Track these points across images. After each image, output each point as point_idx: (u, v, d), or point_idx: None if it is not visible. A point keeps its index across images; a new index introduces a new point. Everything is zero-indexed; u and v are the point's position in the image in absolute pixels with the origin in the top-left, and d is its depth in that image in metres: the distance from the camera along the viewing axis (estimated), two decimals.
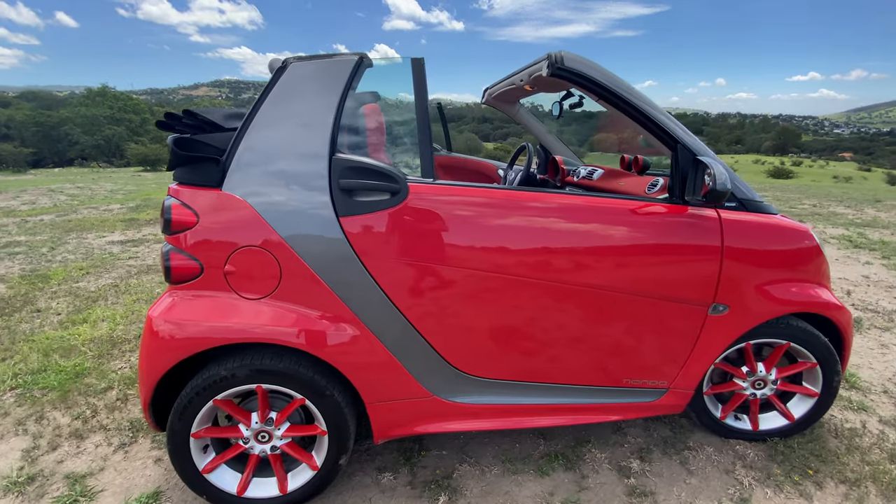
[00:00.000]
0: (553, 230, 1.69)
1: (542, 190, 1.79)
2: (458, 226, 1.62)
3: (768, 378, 2.01)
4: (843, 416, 2.33)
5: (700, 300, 1.80)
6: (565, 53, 1.71)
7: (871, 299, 4.02)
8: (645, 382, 1.92)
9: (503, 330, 1.75)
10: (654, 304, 1.79)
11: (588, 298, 1.74)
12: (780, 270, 1.84)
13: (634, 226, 1.73)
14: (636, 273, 1.74)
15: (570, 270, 1.70)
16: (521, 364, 1.82)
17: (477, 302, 1.69)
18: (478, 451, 2.08)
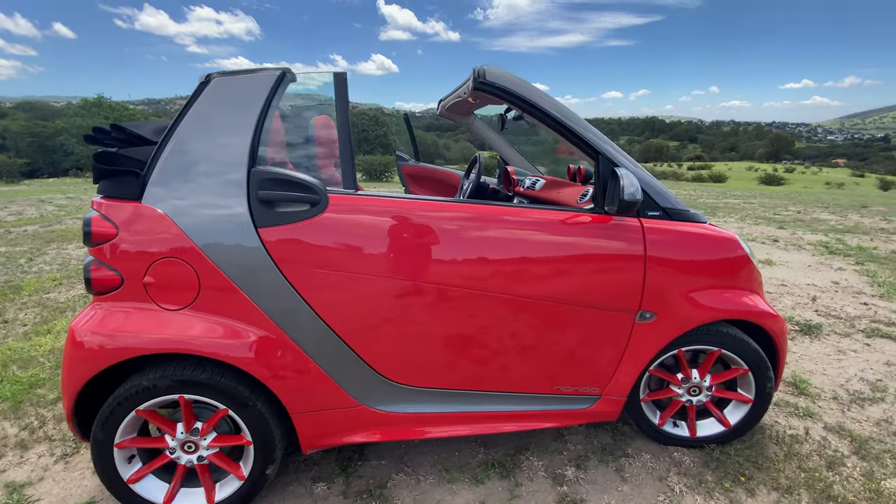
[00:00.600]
0: (476, 240, 1.71)
1: (471, 201, 1.82)
2: (380, 236, 1.64)
3: (703, 385, 2.03)
4: (787, 422, 2.34)
5: (626, 308, 1.82)
6: (488, 68, 1.75)
7: (836, 305, 4.05)
8: (577, 389, 1.93)
9: (430, 339, 1.76)
10: (581, 312, 1.81)
11: (514, 307, 1.76)
12: (705, 278, 1.87)
13: (558, 235, 1.75)
14: (561, 281, 1.76)
15: (494, 280, 1.72)
16: (451, 372, 1.83)
17: (401, 311, 1.71)
18: (416, 459, 2.08)
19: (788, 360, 3.00)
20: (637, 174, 1.77)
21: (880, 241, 7.30)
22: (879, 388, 2.66)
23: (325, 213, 1.59)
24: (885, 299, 4.26)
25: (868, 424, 2.33)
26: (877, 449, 2.12)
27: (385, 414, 1.80)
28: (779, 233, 7.90)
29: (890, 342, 3.28)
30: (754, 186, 34.80)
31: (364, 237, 1.63)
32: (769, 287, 4.58)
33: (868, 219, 10.65)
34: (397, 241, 1.65)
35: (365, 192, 1.66)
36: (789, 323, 3.59)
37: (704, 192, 20.77)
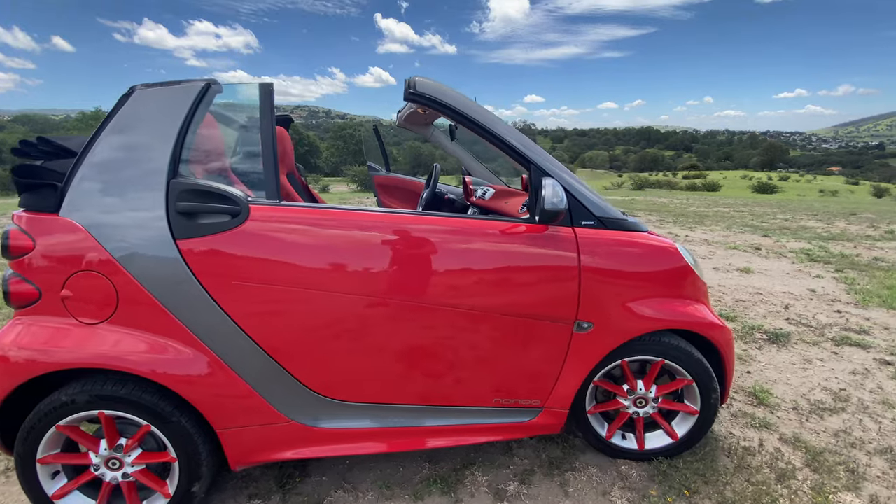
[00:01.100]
0: (405, 250, 1.69)
1: (406, 212, 1.80)
2: (303, 247, 1.61)
3: (648, 396, 1.99)
4: (742, 433, 2.30)
5: (562, 318, 1.79)
6: (418, 79, 1.75)
7: (809, 314, 4.02)
8: (517, 402, 1.89)
9: (360, 352, 1.72)
10: (517, 323, 1.78)
11: (446, 318, 1.73)
12: (643, 287, 1.84)
13: (491, 245, 1.73)
14: (494, 292, 1.74)
15: (424, 290, 1.69)
16: (384, 387, 1.79)
17: (328, 324, 1.68)
18: (359, 476, 2.02)
19: (752, 370, 2.97)
20: (568, 184, 1.76)
21: (863, 249, 7.31)
22: (842, 398, 2.62)
23: (246, 224, 1.56)
24: (859, 307, 4.23)
25: (826, 435, 2.28)
26: (831, 461, 2.08)
27: (316, 430, 1.76)
28: (762, 241, 7.90)
29: (858, 350, 3.25)
30: (747, 195, 34.92)
31: (286, 248, 1.60)
32: (744, 295, 4.55)
33: (855, 226, 10.68)
34: (321, 253, 1.62)
35: (288, 203, 1.64)
36: (758, 331, 3.55)
37: (697, 200, 20.85)
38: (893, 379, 2.84)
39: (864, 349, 3.27)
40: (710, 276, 5.29)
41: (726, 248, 7.05)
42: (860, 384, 2.78)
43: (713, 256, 6.44)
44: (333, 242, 1.63)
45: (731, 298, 4.45)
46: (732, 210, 14.78)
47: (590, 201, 1.80)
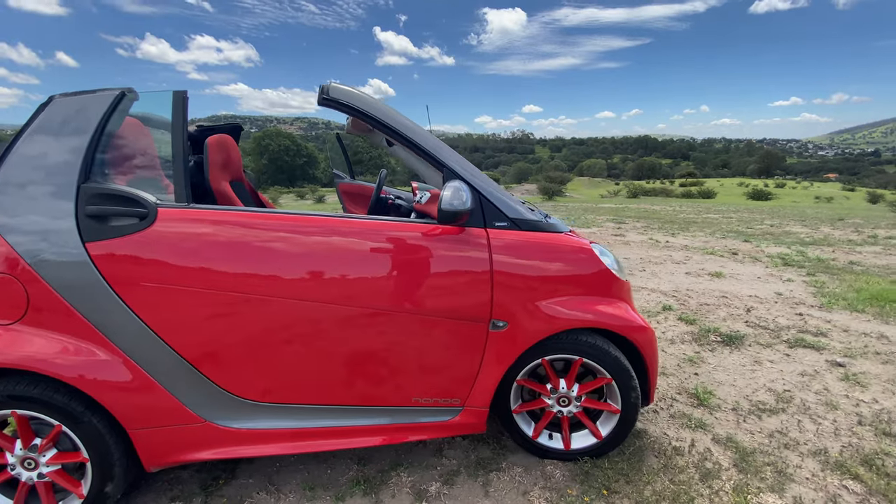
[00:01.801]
0: (323, 252, 1.71)
1: (316, 214, 1.82)
2: (213, 249, 1.64)
3: (571, 395, 2.00)
4: (676, 433, 2.30)
5: (477, 317, 1.81)
6: (332, 84, 1.79)
7: (770, 316, 4.03)
8: (437, 401, 1.90)
9: (274, 354, 1.74)
10: (433, 322, 1.79)
11: (360, 318, 1.74)
12: (557, 287, 1.86)
13: (409, 246, 1.76)
14: (410, 292, 1.76)
15: (332, 291, 1.71)
16: (300, 387, 1.80)
17: (240, 326, 1.69)
18: (286, 477, 2.03)
19: (700, 372, 2.97)
20: (480, 187, 1.79)
21: (842, 253, 7.33)
22: (784, 399, 2.62)
23: (154, 227, 1.59)
24: (823, 309, 4.25)
25: (760, 436, 2.28)
26: (760, 461, 2.07)
27: (233, 430, 1.77)
28: (742, 246, 7.93)
29: (812, 352, 3.26)
30: (742, 202, 35.07)
31: (195, 250, 1.63)
32: (710, 299, 4.56)
33: (839, 231, 10.72)
34: (229, 254, 1.65)
35: (198, 206, 1.67)
36: (713, 333, 3.56)
37: (689, 207, 20.97)
38: (842, 380, 2.85)
39: (817, 351, 3.27)
40: (680, 281, 5.31)
41: (703, 253, 7.07)
42: (806, 385, 2.79)
43: (688, 261, 6.46)
44: (240, 244, 1.66)
45: (695, 302, 4.46)
46: (721, 217, 14.85)
47: (503, 203, 1.83)
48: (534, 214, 1.91)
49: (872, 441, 2.22)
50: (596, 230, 10.26)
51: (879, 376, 2.89)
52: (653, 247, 7.78)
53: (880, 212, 20.41)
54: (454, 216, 1.64)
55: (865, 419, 2.41)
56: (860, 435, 2.27)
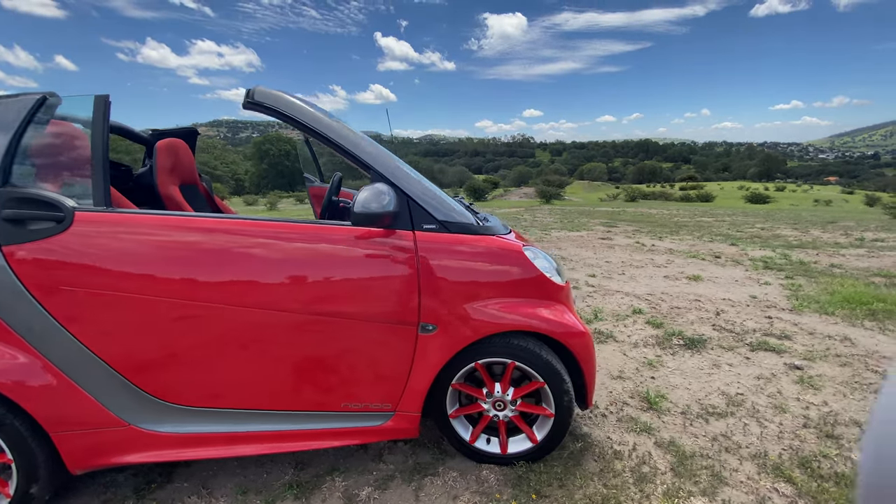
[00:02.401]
0: (243, 256, 1.71)
1: (239, 217, 1.82)
2: (130, 252, 1.65)
3: (506, 399, 2.00)
4: (620, 437, 2.29)
5: (405, 321, 1.81)
6: (258, 88, 1.80)
7: (738, 320, 4.02)
8: (367, 406, 1.90)
9: (197, 358, 1.74)
10: (360, 326, 1.79)
11: (286, 323, 1.75)
12: (485, 290, 1.86)
13: (331, 250, 1.76)
14: (334, 295, 1.76)
15: (255, 294, 1.71)
16: (226, 392, 1.80)
17: (162, 330, 1.70)
18: (221, 481, 2.02)
19: (657, 375, 2.96)
20: (408, 190, 1.80)
21: (825, 256, 7.31)
22: (735, 402, 2.61)
23: (70, 231, 1.60)
24: (793, 312, 4.23)
25: (704, 440, 2.27)
26: (697, 465, 2.06)
27: (158, 434, 1.77)
28: (727, 249, 7.92)
29: (772, 355, 3.24)
30: (740, 205, 35.02)
31: (113, 253, 1.63)
32: (682, 302, 4.55)
33: (828, 234, 10.70)
34: (148, 258, 1.65)
35: (116, 209, 1.68)
36: (676, 337, 3.55)
37: (685, 211, 20.92)
38: (796, 383, 2.83)
39: (778, 354, 3.26)
40: (657, 284, 5.30)
41: (686, 257, 7.06)
42: (760, 389, 2.77)
43: (670, 265, 6.45)
44: (158, 247, 1.66)
45: (668, 305, 4.45)
46: (714, 220, 14.83)
47: (431, 206, 1.83)
48: (466, 217, 1.91)
49: (814, 444, 2.21)
50: (585, 233, 10.26)
51: (835, 379, 2.88)
52: (637, 250, 7.77)
53: (875, 215, 20.34)
54: (369, 219, 1.64)
55: (811, 422, 2.40)
56: (803, 438, 2.26)
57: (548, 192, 34.99)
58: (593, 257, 7.04)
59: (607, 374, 2.98)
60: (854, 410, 2.51)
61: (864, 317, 4.08)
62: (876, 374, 2.94)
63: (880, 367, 3.05)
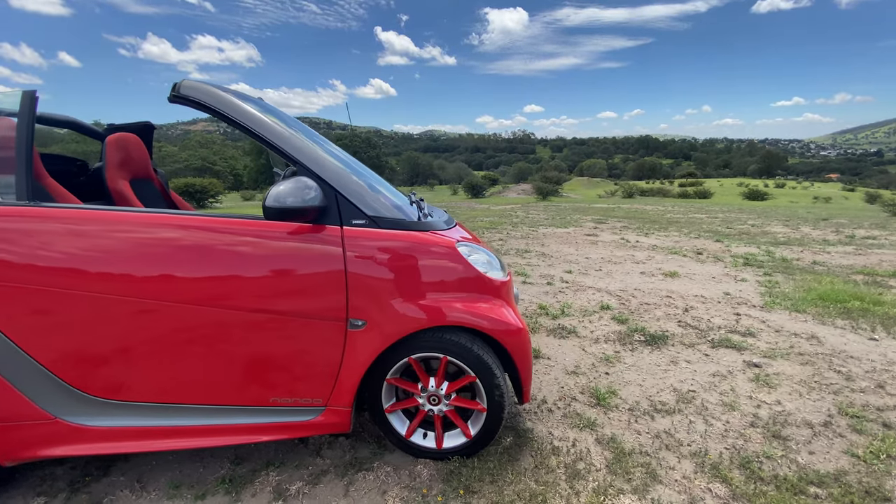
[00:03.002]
0: (166, 250, 1.70)
1: (161, 212, 1.81)
2: (49, 246, 1.63)
3: (440, 393, 1.99)
4: (562, 433, 2.28)
5: (333, 316, 1.80)
6: (185, 81, 1.78)
7: (706, 316, 4.01)
8: (297, 401, 1.89)
9: (123, 351, 1.74)
10: (288, 322, 1.78)
11: (210, 317, 1.74)
12: (416, 285, 1.84)
13: (259, 245, 1.74)
14: (261, 291, 1.75)
15: (183, 290, 1.70)
16: (153, 386, 1.80)
17: (86, 324, 1.69)
18: (156, 476, 2.02)
19: (613, 371, 2.95)
20: (337, 184, 1.78)
21: (810, 253, 7.30)
22: (686, 399, 2.60)
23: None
24: (763, 310, 4.22)
25: (647, 437, 2.26)
26: (634, 462, 2.06)
27: (85, 428, 1.76)
28: (712, 246, 7.90)
29: (732, 353, 3.24)
30: (738, 202, 34.93)
31: (35, 247, 1.62)
32: (654, 298, 4.54)
33: (819, 231, 10.67)
34: (71, 252, 1.64)
35: (39, 204, 1.67)
36: (639, 333, 3.54)
37: (681, 207, 20.82)
38: (752, 381, 2.83)
39: (738, 351, 3.25)
40: (632, 281, 5.29)
41: (668, 253, 7.04)
42: (714, 386, 2.77)
43: (649, 261, 6.43)
44: (82, 241, 1.65)
45: (638, 302, 4.44)
46: (707, 217, 14.78)
47: (362, 201, 1.81)
48: (398, 213, 1.89)
49: (758, 444, 2.20)
50: (573, 230, 10.23)
51: (793, 377, 2.87)
52: (621, 247, 7.75)
53: (873, 212, 20.25)
54: (284, 213, 1.63)
55: (760, 421, 2.39)
56: (748, 437, 2.25)
57: (545, 188, 34.93)
58: (575, 254, 7.02)
59: (563, 370, 2.98)
60: (808, 411, 2.50)
61: (836, 315, 4.07)
62: (838, 374, 2.93)
63: (844, 366, 3.04)
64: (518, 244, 7.97)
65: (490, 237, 8.87)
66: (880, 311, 4.17)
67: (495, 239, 8.59)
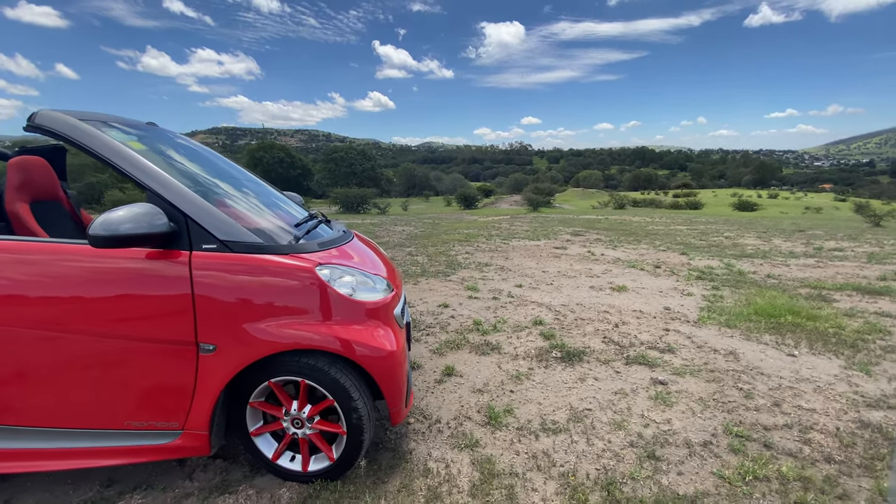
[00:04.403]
0: (16, 275, 1.74)
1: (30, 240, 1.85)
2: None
3: (302, 416, 2.01)
4: (441, 454, 2.30)
5: (183, 341, 1.83)
6: (41, 111, 1.84)
7: (634, 332, 4.04)
8: (153, 424, 1.91)
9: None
10: (137, 346, 1.81)
11: (57, 343, 1.77)
12: (269, 309, 1.87)
13: (102, 271, 1.78)
14: (106, 316, 1.78)
15: (29, 315, 1.74)
16: (6, 409, 1.82)
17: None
18: (24, 497, 2.02)
19: (518, 389, 2.97)
20: (187, 209, 1.82)
21: (769, 266, 7.35)
22: (577, 418, 2.62)
23: None
24: (695, 325, 4.25)
25: (524, 457, 2.28)
26: (499, 484, 2.07)
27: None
28: (674, 259, 7.95)
29: (643, 369, 3.26)
30: (728, 212, 35.13)
31: None
32: (591, 314, 4.57)
33: (789, 242, 10.74)
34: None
35: None
36: (557, 350, 3.57)
37: (667, 219, 20.90)
38: (651, 399, 2.85)
39: (650, 368, 3.28)
40: (578, 295, 5.32)
41: (626, 267, 7.09)
42: (612, 404, 2.79)
43: (604, 275, 6.48)
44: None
45: (574, 317, 4.47)
46: (688, 228, 14.87)
47: (214, 226, 1.85)
48: (257, 236, 1.92)
49: (630, 464, 2.22)
50: (544, 242, 10.28)
51: (693, 395, 2.90)
52: (583, 260, 7.80)
53: (856, 222, 20.39)
54: (115, 240, 1.64)
55: (641, 441, 2.41)
56: (622, 457, 2.27)
57: (535, 200, 35.13)
58: (534, 267, 7.06)
59: (470, 388, 3.00)
60: (694, 430, 2.52)
61: (766, 330, 4.11)
62: (740, 392, 2.95)
63: (750, 383, 3.07)
64: (483, 257, 8.01)
65: (459, 250, 8.92)
66: (811, 325, 4.21)
67: (462, 252, 8.64)
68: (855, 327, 4.20)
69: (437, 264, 7.25)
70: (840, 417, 2.66)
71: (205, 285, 1.81)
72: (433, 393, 2.94)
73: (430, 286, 5.79)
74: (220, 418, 2.00)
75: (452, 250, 8.89)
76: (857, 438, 2.43)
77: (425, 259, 7.79)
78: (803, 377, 3.17)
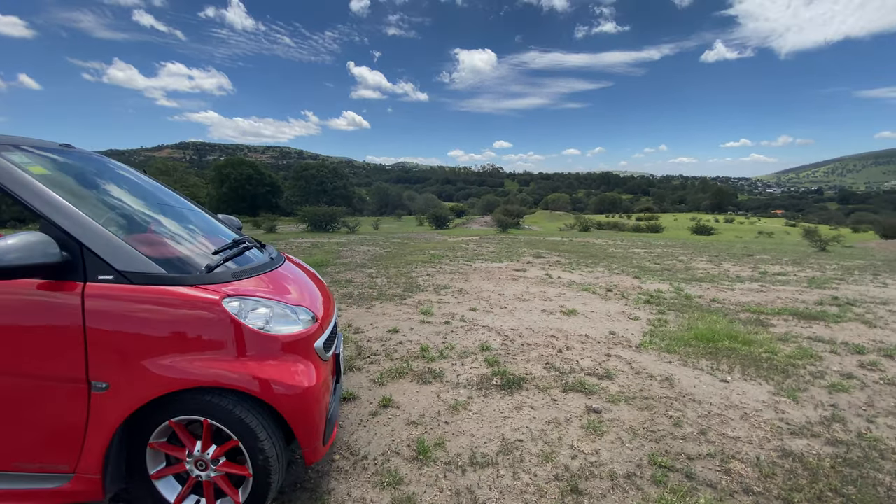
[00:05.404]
0: None
1: None
2: None
3: (206, 458, 1.90)
4: (361, 493, 2.22)
5: (72, 378, 1.71)
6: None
7: (577, 358, 4.08)
8: (42, 467, 1.77)
9: None
10: (20, 383, 1.69)
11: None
12: (170, 345, 1.78)
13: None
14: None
15: None
16: None
17: None
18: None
19: (453, 420, 2.93)
20: (83, 238, 1.72)
21: (716, 291, 7.65)
22: (507, 451, 2.60)
23: None
24: (636, 351, 4.35)
25: (447, 494, 2.22)
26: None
27: None
28: (628, 282, 8.17)
29: (580, 397, 3.29)
30: (686, 236, 36.67)
31: None
32: (538, 339, 4.60)
33: (738, 266, 11.25)
34: None
35: None
36: (497, 377, 3.56)
37: (628, 241, 21.58)
38: (583, 428, 2.86)
39: (587, 395, 3.31)
40: (529, 319, 5.36)
41: (580, 290, 7.23)
42: (544, 434, 2.78)
43: (557, 298, 6.57)
44: None
45: (521, 342, 4.49)
46: (645, 251, 15.37)
47: (113, 256, 1.76)
48: (160, 266, 1.83)
49: (552, 499, 2.20)
50: (506, 264, 10.39)
51: (624, 423, 2.93)
52: (539, 283, 7.91)
53: (804, 247, 21.64)
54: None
55: (567, 474, 2.40)
56: (545, 492, 2.25)
57: (504, 221, 35.68)
58: (491, 290, 7.10)
59: (405, 420, 2.93)
60: (620, 461, 2.53)
61: (703, 355, 4.24)
62: (669, 420, 3.00)
63: (681, 411, 3.13)
64: (443, 280, 8.00)
65: (420, 272, 8.88)
66: (746, 350, 4.37)
67: (424, 274, 8.61)
68: (787, 352, 4.39)
69: (395, 286, 7.18)
70: (763, 446, 2.73)
71: (98, 319, 1.71)
72: (365, 426, 2.85)
73: (383, 310, 5.71)
74: (117, 461, 1.87)
75: (414, 272, 8.85)
76: (777, 468, 2.49)
77: (384, 281, 7.71)
78: (732, 403, 3.27)
